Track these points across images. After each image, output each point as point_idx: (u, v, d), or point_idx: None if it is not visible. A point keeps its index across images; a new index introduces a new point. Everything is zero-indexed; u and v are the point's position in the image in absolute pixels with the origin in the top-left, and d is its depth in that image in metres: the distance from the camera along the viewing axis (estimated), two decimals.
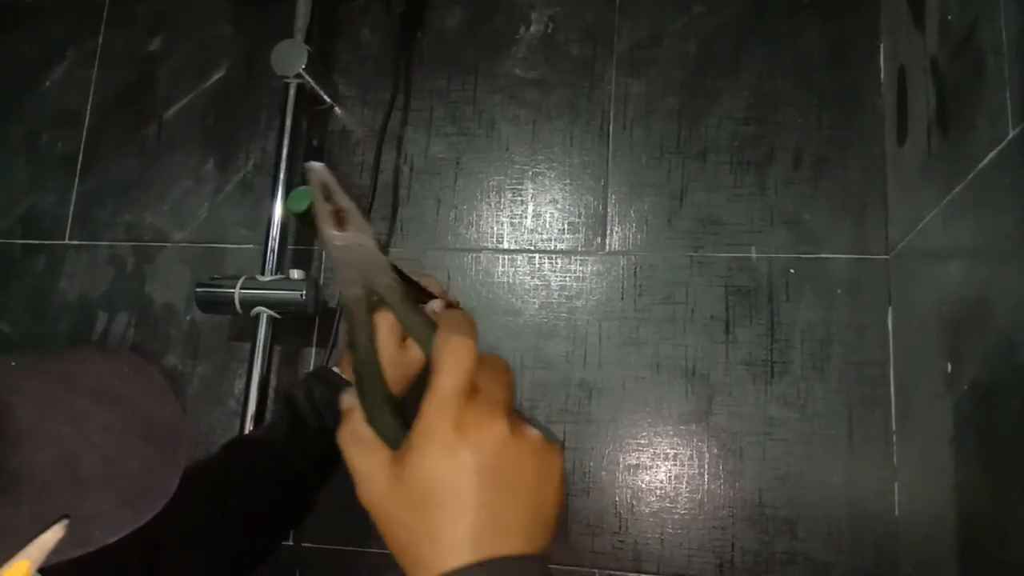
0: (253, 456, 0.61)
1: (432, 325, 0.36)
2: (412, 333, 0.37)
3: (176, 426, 0.37)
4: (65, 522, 0.31)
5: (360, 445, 0.35)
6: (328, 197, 0.36)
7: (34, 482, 0.32)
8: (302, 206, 0.76)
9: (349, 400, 0.37)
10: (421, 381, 0.38)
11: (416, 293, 0.52)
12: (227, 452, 0.62)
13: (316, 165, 0.36)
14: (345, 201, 0.36)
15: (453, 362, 0.33)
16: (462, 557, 0.31)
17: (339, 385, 0.65)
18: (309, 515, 0.65)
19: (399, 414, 0.36)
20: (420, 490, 0.32)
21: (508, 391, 0.35)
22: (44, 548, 0.30)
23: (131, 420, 0.36)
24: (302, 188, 0.78)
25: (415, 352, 0.65)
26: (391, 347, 0.67)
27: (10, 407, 0.33)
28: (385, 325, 0.68)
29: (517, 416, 0.35)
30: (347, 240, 0.36)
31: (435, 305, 0.73)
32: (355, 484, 0.35)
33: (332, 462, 0.64)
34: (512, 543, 0.32)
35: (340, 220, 0.36)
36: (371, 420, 0.35)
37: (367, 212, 0.87)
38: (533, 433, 0.35)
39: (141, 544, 0.48)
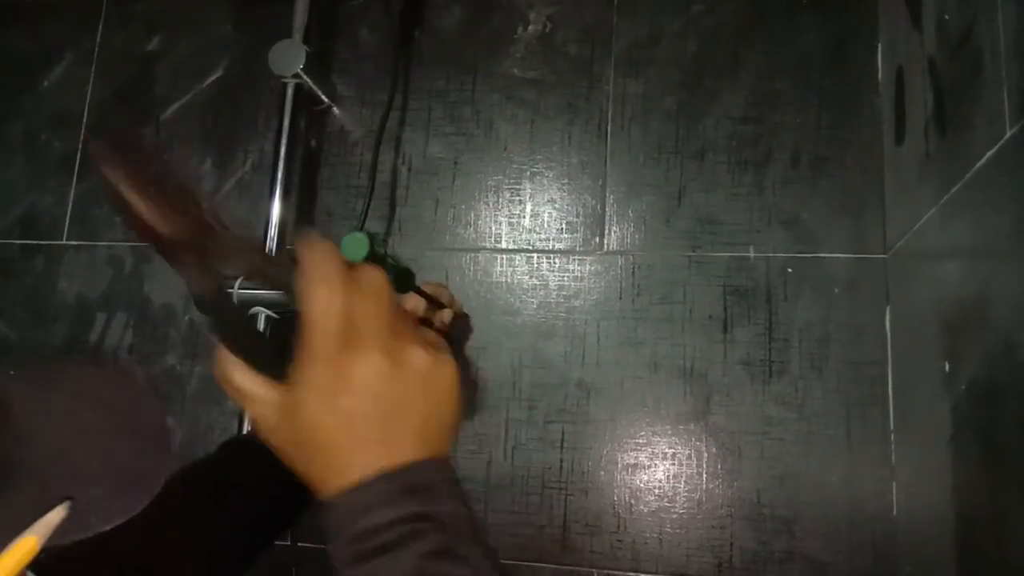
0: (251, 455, 0.61)
1: (288, 265, 0.36)
2: (281, 286, 0.37)
3: (160, 427, 0.39)
4: (68, 503, 0.33)
5: (242, 370, 0.36)
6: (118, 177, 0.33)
7: (34, 472, 0.34)
8: (359, 255, 0.67)
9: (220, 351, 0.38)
10: None
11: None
12: (225, 451, 0.62)
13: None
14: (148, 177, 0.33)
15: (320, 310, 0.34)
16: (355, 476, 0.33)
17: None
18: (304, 514, 0.65)
19: (270, 349, 0.37)
20: (309, 434, 0.34)
21: (384, 311, 0.35)
22: (50, 526, 0.32)
23: (119, 421, 0.38)
24: (358, 235, 0.69)
25: None
26: None
27: (10, 408, 0.35)
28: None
29: (397, 337, 0.35)
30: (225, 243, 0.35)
31: (444, 315, 0.73)
32: (245, 406, 0.37)
33: None
34: (401, 451, 0.34)
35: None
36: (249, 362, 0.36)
37: (365, 212, 0.87)
38: (415, 356, 0.35)
39: (139, 542, 0.49)
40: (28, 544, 0.31)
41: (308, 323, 0.34)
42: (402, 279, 0.51)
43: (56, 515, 0.32)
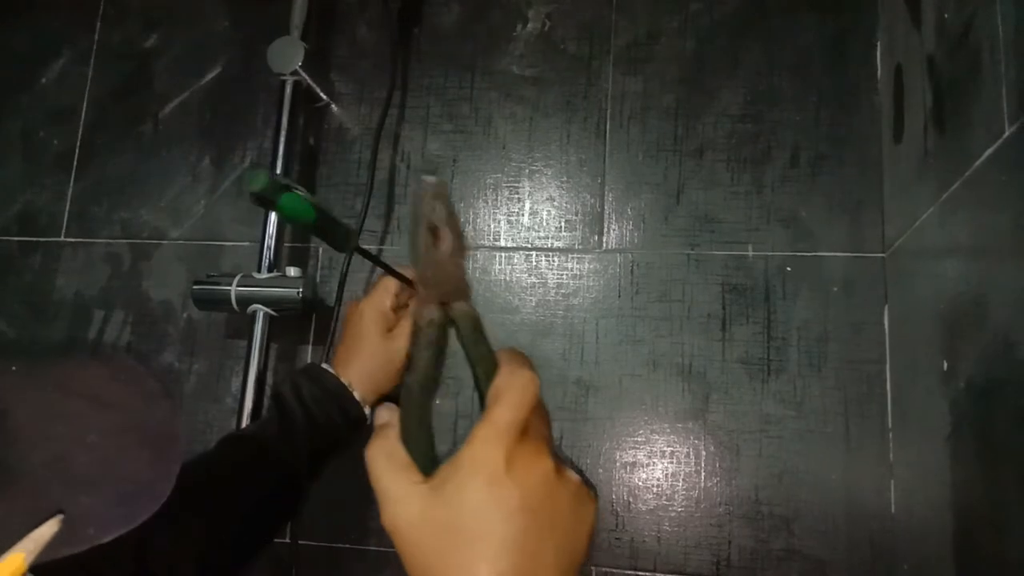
0: (246, 452, 0.61)
1: (495, 358, 0.36)
2: (474, 363, 0.36)
3: (170, 430, 0.37)
4: (60, 517, 0.31)
5: (392, 464, 0.34)
6: (438, 211, 0.34)
7: (29, 480, 0.32)
8: (259, 184, 0.63)
9: (386, 415, 0.36)
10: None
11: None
12: (221, 448, 0.62)
13: (431, 179, 0.35)
14: (450, 219, 0.35)
15: (518, 397, 0.33)
16: None
17: (328, 382, 0.65)
18: (299, 511, 0.65)
19: (433, 442, 0.35)
20: (458, 519, 0.31)
21: (550, 433, 0.35)
22: (39, 542, 0.30)
23: (126, 423, 0.36)
24: (259, 170, 0.65)
25: (399, 342, 0.66)
26: (375, 336, 0.67)
27: (6, 409, 0.33)
28: (370, 313, 0.68)
29: (559, 458, 0.34)
30: (445, 259, 0.35)
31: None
32: (381, 505, 0.33)
33: (322, 459, 0.64)
34: (543, 574, 0.31)
35: (436, 236, 0.35)
36: (407, 440, 0.35)
37: (364, 210, 0.87)
38: (574, 477, 0.34)
39: (134, 539, 0.48)
40: (15, 562, 0.29)
41: (498, 403, 0.33)
42: (330, 228, 0.50)
43: (47, 529, 0.31)
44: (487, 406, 0.33)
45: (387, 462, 0.34)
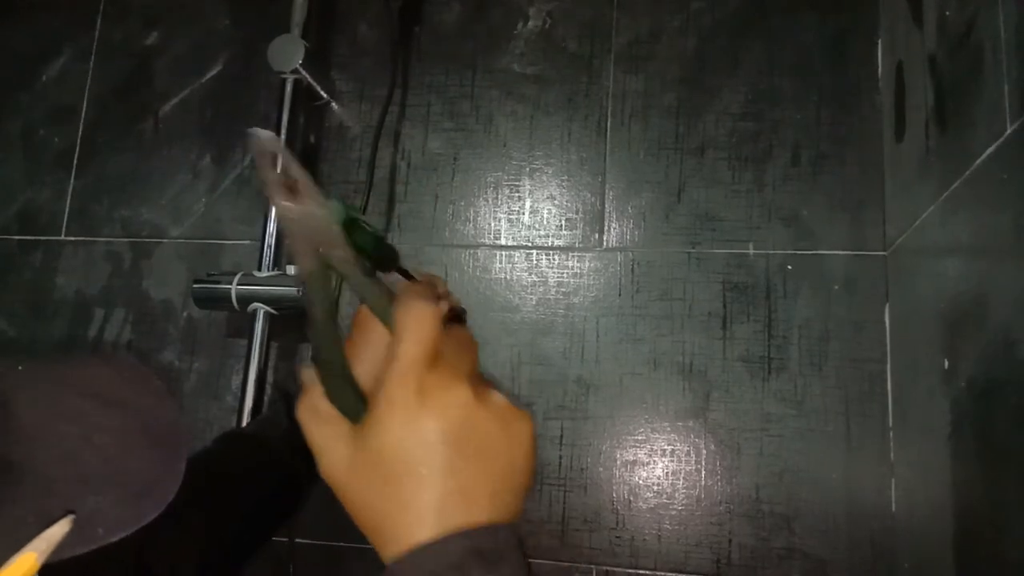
0: (246, 450, 0.61)
1: (391, 295, 0.36)
2: (370, 304, 0.37)
3: (175, 429, 0.37)
4: (71, 517, 0.31)
5: (319, 419, 0.35)
6: (276, 167, 0.34)
7: (37, 479, 0.32)
8: (339, 216, 0.66)
9: (308, 374, 0.37)
10: None
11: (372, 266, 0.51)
12: (219, 445, 0.62)
13: (262, 133, 0.34)
14: (297, 171, 0.35)
15: (416, 328, 0.33)
16: (429, 528, 0.30)
17: None
18: (299, 509, 0.65)
19: (358, 388, 0.36)
20: (383, 460, 0.32)
21: (471, 360, 0.35)
22: (51, 542, 0.30)
23: (131, 422, 0.36)
24: (332, 202, 0.68)
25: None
26: (381, 335, 0.67)
27: (13, 407, 0.33)
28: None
29: (482, 383, 0.34)
30: (300, 212, 0.34)
31: (440, 308, 0.73)
32: (316, 459, 0.34)
33: None
34: (480, 510, 0.31)
35: (292, 190, 0.35)
36: (330, 394, 0.35)
37: (364, 208, 0.87)
38: (499, 398, 0.34)
39: (134, 537, 0.48)
40: (28, 561, 0.29)
41: (400, 340, 0.33)
42: (383, 251, 0.51)
43: (58, 530, 0.31)
44: (392, 342, 0.33)
45: (313, 416, 0.35)
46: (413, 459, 0.31)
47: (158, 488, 0.34)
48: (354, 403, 0.35)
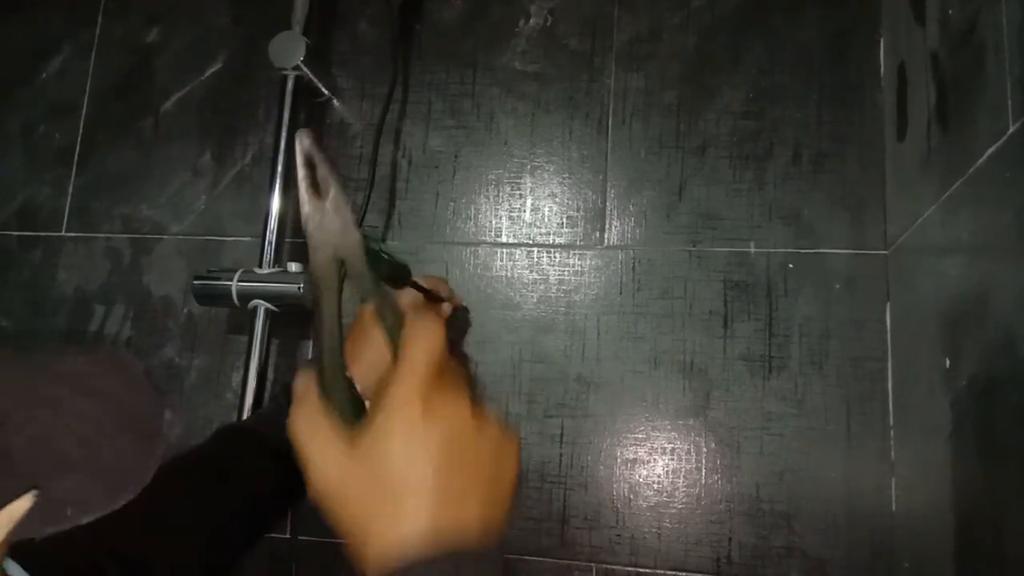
0: (245, 442, 0.62)
1: (396, 310, 0.37)
2: (377, 313, 0.37)
3: (153, 417, 0.38)
4: (35, 492, 0.31)
5: (312, 429, 0.35)
6: (311, 166, 0.36)
7: (8, 459, 0.32)
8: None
9: (302, 384, 0.37)
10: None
11: (393, 288, 0.52)
12: (219, 439, 0.62)
13: (304, 137, 0.36)
14: (327, 172, 0.36)
15: (425, 343, 0.34)
16: (421, 536, 0.31)
17: None
18: (299, 502, 0.65)
19: (354, 389, 0.36)
20: (380, 471, 0.32)
21: (468, 381, 0.37)
22: (12, 517, 0.31)
23: (107, 409, 0.37)
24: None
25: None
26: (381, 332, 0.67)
27: None
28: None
29: (476, 402, 0.36)
30: (326, 210, 0.36)
31: (444, 309, 0.73)
32: (307, 467, 0.34)
33: None
34: (470, 518, 0.32)
35: (319, 190, 0.36)
36: (327, 390, 0.36)
37: (365, 205, 0.87)
38: (494, 421, 0.36)
39: (132, 530, 0.49)
40: None
41: (408, 353, 0.34)
42: (398, 273, 0.51)
43: (21, 504, 0.31)
44: (399, 356, 0.34)
45: (308, 426, 0.35)
46: (412, 472, 0.32)
47: (132, 474, 0.35)
48: (349, 404, 0.35)
